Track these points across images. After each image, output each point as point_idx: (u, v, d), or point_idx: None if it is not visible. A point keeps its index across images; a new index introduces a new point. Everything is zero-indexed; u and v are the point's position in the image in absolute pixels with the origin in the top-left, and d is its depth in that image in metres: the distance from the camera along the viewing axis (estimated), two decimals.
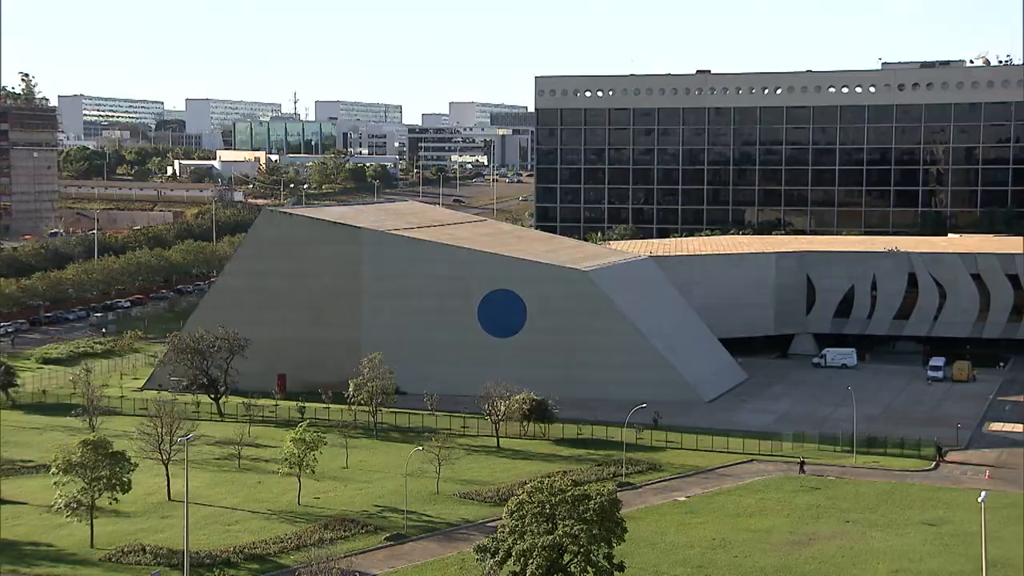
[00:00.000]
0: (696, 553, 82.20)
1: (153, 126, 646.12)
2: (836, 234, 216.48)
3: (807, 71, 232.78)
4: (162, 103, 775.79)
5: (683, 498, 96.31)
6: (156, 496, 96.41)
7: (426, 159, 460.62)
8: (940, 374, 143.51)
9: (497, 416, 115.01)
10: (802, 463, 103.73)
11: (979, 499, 73.91)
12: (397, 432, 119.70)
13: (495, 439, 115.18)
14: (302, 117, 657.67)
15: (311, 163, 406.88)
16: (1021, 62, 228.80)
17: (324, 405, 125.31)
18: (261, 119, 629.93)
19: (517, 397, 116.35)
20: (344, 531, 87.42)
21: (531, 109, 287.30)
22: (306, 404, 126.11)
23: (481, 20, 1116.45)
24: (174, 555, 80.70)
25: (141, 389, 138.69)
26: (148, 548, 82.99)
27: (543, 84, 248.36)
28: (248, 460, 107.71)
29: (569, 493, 70.42)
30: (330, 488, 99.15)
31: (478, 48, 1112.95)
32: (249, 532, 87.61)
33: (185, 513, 77.03)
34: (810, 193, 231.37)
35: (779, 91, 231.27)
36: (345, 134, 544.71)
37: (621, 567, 69.67)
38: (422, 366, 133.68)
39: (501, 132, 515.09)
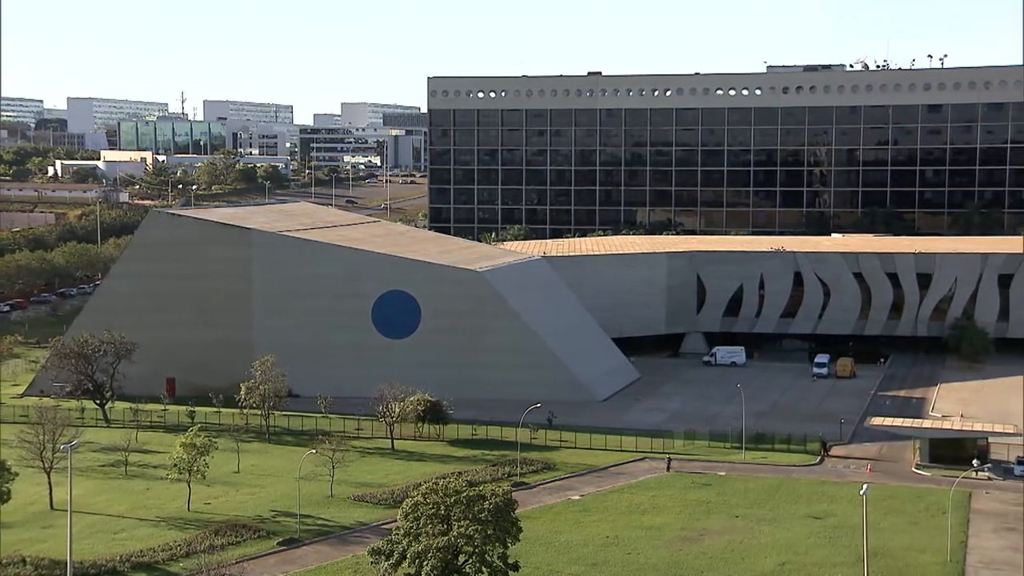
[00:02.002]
0: (590, 551, 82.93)
1: (33, 125, 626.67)
2: (725, 234, 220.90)
3: (695, 74, 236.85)
4: (41, 101, 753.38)
5: (577, 497, 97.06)
6: (37, 505, 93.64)
7: (318, 160, 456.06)
8: (825, 371, 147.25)
9: (391, 418, 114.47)
10: (669, 461, 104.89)
11: (861, 492, 76.09)
12: (290, 435, 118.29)
13: (390, 441, 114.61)
14: (190, 117, 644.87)
15: (200, 164, 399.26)
16: (898, 67, 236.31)
17: (215, 409, 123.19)
18: (147, 119, 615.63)
19: (411, 398, 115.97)
20: (235, 536, 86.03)
21: (424, 110, 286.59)
22: (196, 408, 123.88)
23: (373, 20, 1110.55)
24: (57, 566, 78.45)
25: (21, 395, 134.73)
26: (28, 559, 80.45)
27: (436, 85, 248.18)
28: (135, 466, 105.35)
29: (464, 494, 70.43)
30: (221, 493, 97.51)
31: (370, 49, 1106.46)
32: (136, 540, 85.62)
33: (68, 522, 74.95)
34: (700, 194, 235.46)
35: (669, 93, 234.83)
36: (235, 134, 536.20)
37: (516, 567, 69.92)
38: (315, 368, 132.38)
39: (394, 133, 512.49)
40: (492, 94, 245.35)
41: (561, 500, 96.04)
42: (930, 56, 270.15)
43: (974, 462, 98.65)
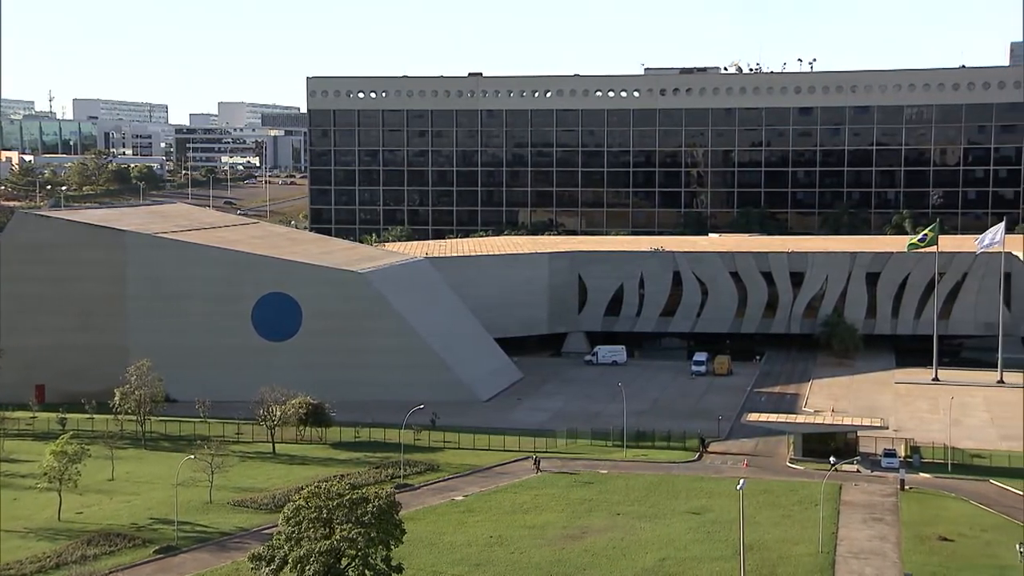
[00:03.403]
0: (474, 551, 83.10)
1: None
2: (605, 234, 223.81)
3: (575, 75, 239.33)
4: None
5: (461, 497, 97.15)
6: None
7: (195, 160, 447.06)
8: (703, 368, 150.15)
9: (272, 421, 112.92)
10: (537, 461, 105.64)
11: (737, 487, 77.85)
12: (167, 441, 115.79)
13: (271, 445, 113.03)
14: (58, 116, 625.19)
15: (70, 164, 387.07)
16: (770, 70, 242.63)
17: (88, 415, 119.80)
18: (12, 117, 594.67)
19: (293, 401, 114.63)
20: (109, 546, 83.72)
21: (303, 110, 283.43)
22: (68, 415, 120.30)
23: (250, 19, 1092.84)
24: None
25: None
26: None
27: (315, 85, 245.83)
28: (2, 476, 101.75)
29: (347, 497, 69.86)
30: (94, 502, 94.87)
31: (248, 48, 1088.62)
32: (3, 552, 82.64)
33: None
34: (580, 194, 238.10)
35: (549, 94, 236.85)
36: (107, 134, 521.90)
37: (399, 569, 69.61)
38: (194, 372, 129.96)
39: (273, 133, 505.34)
40: (373, 94, 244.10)
41: (445, 501, 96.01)
42: (800, 60, 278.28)
43: (831, 458, 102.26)
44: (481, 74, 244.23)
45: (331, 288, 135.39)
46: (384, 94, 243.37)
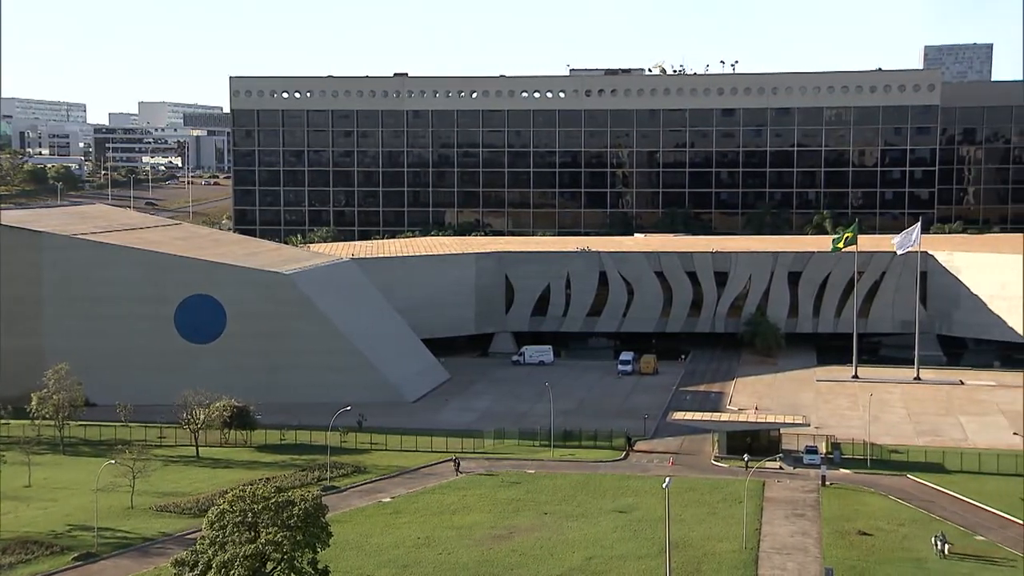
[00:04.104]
0: (401, 553, 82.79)
1: None
2: (532, 235, 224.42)
3: (501, 76, 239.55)
4: None
5: (388, 499, 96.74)
6: None
7: (115, 160, 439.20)
8: (629, 368, 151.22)
9: (196, 425, 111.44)
10: (457, 462, 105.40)
11: (663, 485, 78.53)
12: (87, 446, 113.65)
13: (194, 448, 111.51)
14: None
15: None
16: (694, 72, 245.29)
17: (3, 420, 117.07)
18: None
19: (217, 404, 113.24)
20: (26, 554, 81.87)
21: (227, 109, 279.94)
22: None
23: (171, 17, 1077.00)
24: None
25: None
26: None
27: (238, 84, 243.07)
28: None
29: (272, 500, 69.17)
30: (10, 509, 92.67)
31: (168, 46, 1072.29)
32: None
33: None
34: (507, 195, 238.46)
35: (475, 95, 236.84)
36: (22, 133, 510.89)
37: (326, 572, 69.05)
38: (115, 376, 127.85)
39: (195, 133, 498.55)
40: (297, 94, 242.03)
41: (372, 503, 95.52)
42: (723, 62, 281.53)
43: (745, 456, 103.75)
44: (407, 74, 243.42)
45: (256, 290, 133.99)
46: (309, 94, 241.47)
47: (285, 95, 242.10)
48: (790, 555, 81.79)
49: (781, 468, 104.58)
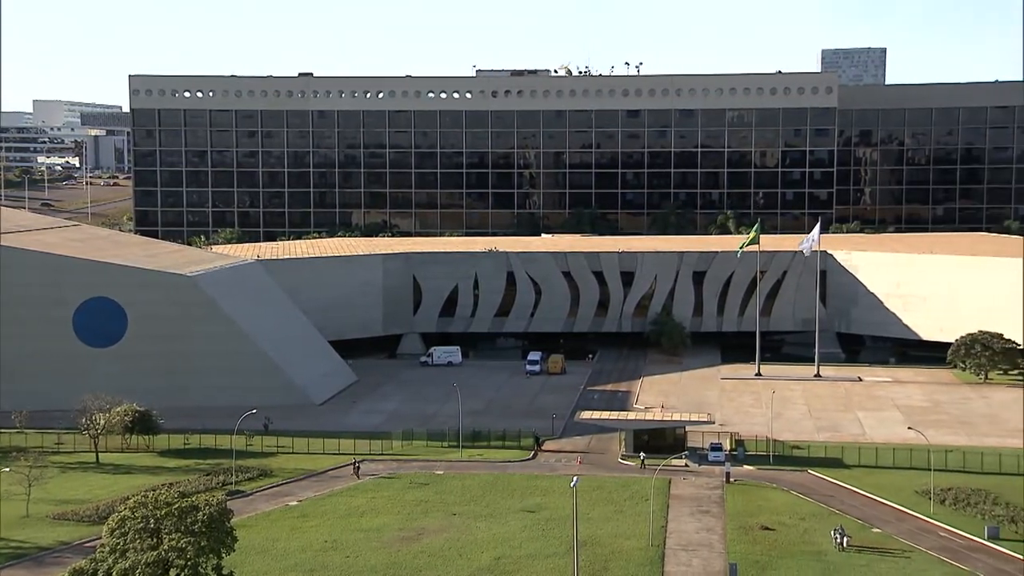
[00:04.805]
0: (308, 557, 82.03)
1: None
2: (440, 235, 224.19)
3: (407, 76, 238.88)
4: None
5: (295, 502, 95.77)
6: None
7: (8, 160, 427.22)
8: (537, 368, 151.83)
9: (96, 430, 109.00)
10: (357, 466, 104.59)
11: (571, 484, 79.08)
12: None
13: (94, 454, 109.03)
14: None
15: None
16: (599, 73, 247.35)
17: None
18: None
19: (118, 409, 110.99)
20: None
21: (126, 109, 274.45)
22: None
23: (67, 13, 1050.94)
24: None
25: None
26: None
27: (138, 83, 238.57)
28: None
29: (176, 506, 68.06)
30: None
31: (64, 44, 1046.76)
32: None
33: None
34: (414, 195, 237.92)
35: (381, 95, 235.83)
36: None
37: None
38: (10, 381, 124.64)
39: (93, 133, 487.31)
40: (199, 94, 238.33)
41: (279, 507, 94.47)
42: (627, 63, 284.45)
43: (641, 454, 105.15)
44: (312, 74, 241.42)
45: (158, 292, 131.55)
46: (211, 93, 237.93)
47: (187, 94, 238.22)
48: (695, 551, 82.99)
49: (687, 466, 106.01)
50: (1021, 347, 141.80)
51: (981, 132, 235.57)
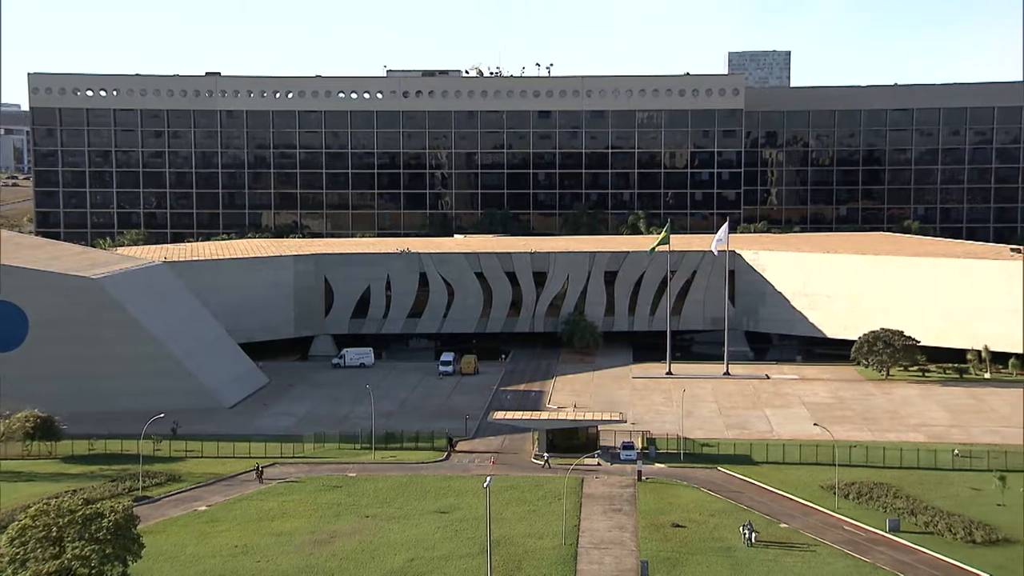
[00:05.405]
0: (218, 562, 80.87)
1: None
2: (351, 236, 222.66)
3: (317, 76, 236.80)
4: None
5: (204, 507, 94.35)
6: None
7: None
8: (450, 368, 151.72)
9: None
10: (260, 470, 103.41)
11: (484, 484, 79.19)
12: None
13: None
14: None
15: None
16: (510, 74, 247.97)
17: None
18: None
19: (18, 415, 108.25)
20: None
21: (26, 107, 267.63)
22: None
23: None
24: None
25: None
26: None
27: (38, 81, 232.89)
28: None
29: (79, 513, 66.71)
30: None
31: None
32: None
33: None
34: (325, 196, 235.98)
35: (291, 95, 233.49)
36: None
37: None
38: None
39: None
40: (103, 92, 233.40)
41: (187, 512, 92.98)
42: (538, 65, 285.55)
43: (545, 454, 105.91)
44: (219, 73, 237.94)
45: (61, 295, 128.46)
46: (115, 92, 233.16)
47: (90, 93, 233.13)
48: (608, 549, 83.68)
49: (599, 464, 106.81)
50: (921, 343, 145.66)
51: (882, 134, 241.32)
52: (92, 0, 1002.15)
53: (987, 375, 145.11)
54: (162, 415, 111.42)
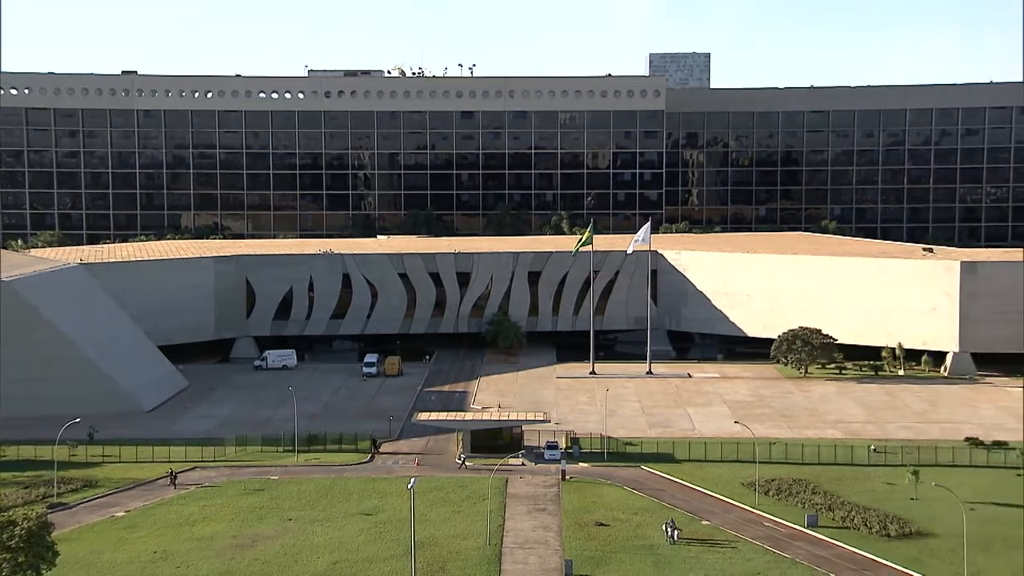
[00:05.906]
0: (136, 568, 79.57)
1: None
2: (273, 237, 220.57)
3: (237, 75, 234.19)
4: None
5: (122, 513, 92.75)
6: None
7: None
8: (374, 370, 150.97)
9: None
10: (173, 476, 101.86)
11: (408, 486, 78.95)
12: None
13: None
14: None
15: None
16: (432, 75, 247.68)
17: None
18: None
19: None
20: None
21: None
22: None
23: None
24: None
25: None
26: None
27: None
28: None
29: None
30: None
31: None
32: None
33: None
34: (246, 197, 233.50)
35: (210, 95, 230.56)
36: None
37: None
38: None
39: None
40: (14, 91, 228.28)
41: (104, 518, 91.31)
42: (461, 65, 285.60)
43: (463, 456, 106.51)
44: (136, 72, 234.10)
45: None
46: (27, 91, 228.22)
47: (0, 92, 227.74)
48: (532, 549, 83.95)
49: (523, 464, 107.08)
50: (838, 342, 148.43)
51: (799, 135, 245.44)
52: None
53: (901, 372, 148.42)
54: (78, 419, 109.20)
